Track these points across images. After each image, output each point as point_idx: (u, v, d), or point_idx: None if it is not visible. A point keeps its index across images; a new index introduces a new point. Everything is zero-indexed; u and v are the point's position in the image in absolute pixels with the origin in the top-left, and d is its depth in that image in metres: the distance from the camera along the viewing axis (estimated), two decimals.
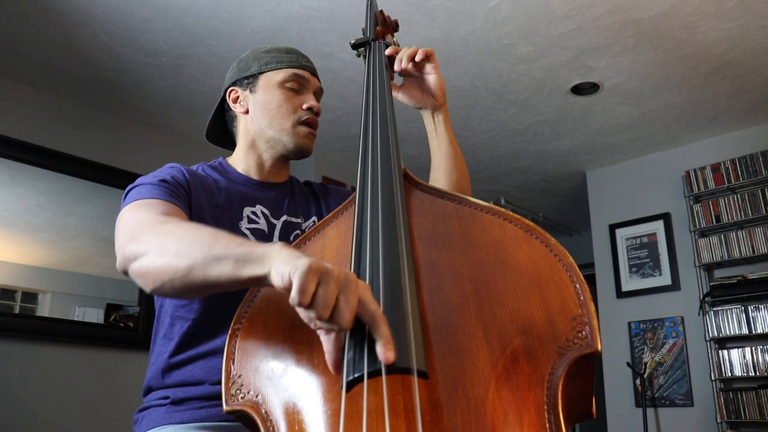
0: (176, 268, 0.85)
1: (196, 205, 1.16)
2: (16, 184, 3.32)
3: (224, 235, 0.85)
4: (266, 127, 1.27)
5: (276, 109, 1.26)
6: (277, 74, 1.28)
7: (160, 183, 1.12)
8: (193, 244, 0.85)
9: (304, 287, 0.68)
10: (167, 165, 1.23)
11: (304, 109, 1.27)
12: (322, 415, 0.75)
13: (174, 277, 0.86)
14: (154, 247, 0.89)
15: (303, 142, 1.27)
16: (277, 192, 1.30)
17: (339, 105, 3.69)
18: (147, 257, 0.89)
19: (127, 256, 0.93)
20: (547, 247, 0.84)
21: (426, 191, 1.01)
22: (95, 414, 3.32)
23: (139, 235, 0.94)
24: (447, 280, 0.84)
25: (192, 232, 0.88)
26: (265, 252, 0.77)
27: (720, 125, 4.00)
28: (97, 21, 2.89)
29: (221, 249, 0.81)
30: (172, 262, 0.86)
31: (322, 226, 1.03)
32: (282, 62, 1.29)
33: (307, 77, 1.30)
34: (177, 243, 0.87)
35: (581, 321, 0.75)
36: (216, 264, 0.81)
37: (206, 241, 0.84)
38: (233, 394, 0.81)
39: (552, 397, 0.71)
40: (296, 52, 1.33)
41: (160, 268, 0.87)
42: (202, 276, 0.83)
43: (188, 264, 0.84)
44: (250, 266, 0.77)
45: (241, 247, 0.80)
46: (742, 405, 3.62)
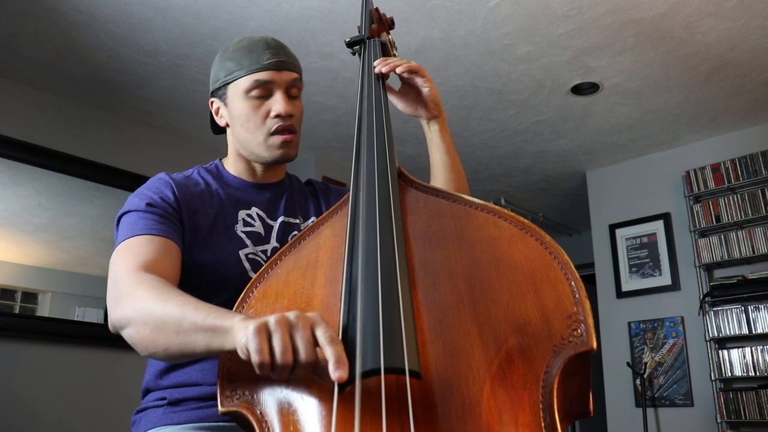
0: (156, 343, 0.90)
1: (189, 217, 1.15)
2: (16, 184, 3.32)
3: (190, 306, 0.88)
4: (245, 142, 1.22)
5: (245, 123, 1.19)
6: (240, 83, 1.18)
7: (146, 209, 1.12)
8: (165, 320, 0.89)
9: (258, 347, 0.72)
10: (155, 177, 1.21)
11: (272, 117, 1.18)
12: (317, 416, 0.75)
13: (156, 350, 0.91)
14: (133, 320, 0.94)
15: (278, 153, 1.20)
16: (273, 192, 1.28)
17: (339, 105, 3.69)
18: (130, 329, 0.95)
19: (113, 324, 0.99)
20: (542, 245, 0.83)
21: (420, 189, 1.01)
22: (95, 414, 3.32)
23: (119, 302, 0.98)
24: (441, 278, 0.83)
25: (162, 304, 0.91)
26: (228, 326, 0.80)
27: (720, 125, 3.99)
28: (97, 21, 2.89)
29: (189, 324, 0.85)
30: (150, 337, 0.91)
31: (317, 225, 1.02)
32: (243, 68, 1.18)
33: (269, 78, 1.17)
34: (150, 317, 0.91)
35: (576, 319, 0.75)
36: (189, 339, 0.85)
37: (175, 317, 0.88)
38: (228, 395, 0.81)
39: (547, 396, 0.71)
40: (260, 47, 1.20)
41: (143, 342, 0.93)
42: (179, 350, 0.88)
43: (165, 340, 0.89)
44: (219, 341, 0.81)
45: (207, 320, 0.83)
46: (742, 405, 3.61)
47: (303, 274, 0.92)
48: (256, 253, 1.18)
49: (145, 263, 1.02)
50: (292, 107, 1.19)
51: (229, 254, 1.16)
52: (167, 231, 1.10)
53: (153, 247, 1.06)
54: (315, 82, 3.41)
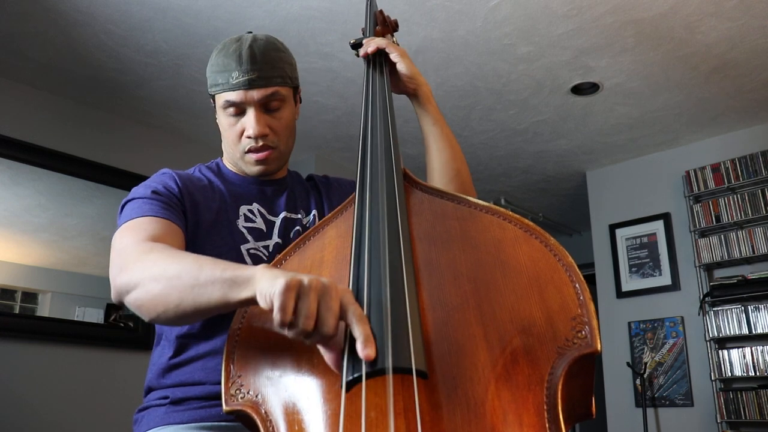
0: (167, 300, 0.88)
1: (192, 210, 1.16)
2: (16, 184, 3.32)
3: (208, 261, 0.87)
4: (227, 153, 1.26)
5: (225, 137, 1.23)
6: (217, 99, 1.19)
7: (152, 196, 1.12)
8: (180, 274, 0.87)
9: (283, 305, 0.72)
10: (159, 172, 1.22)
11: (245, 137, 1.18)
12: (322, 415, 0.75)
13: (167, 307, 0.88)
14: (142, 280, 0.92)
15: (255, 170, 1.22)
16: (274, 188, 1.29)
17: (339, 105, 3.69)
18: (138, 290, 0.92)
19: (118, 289, 0.96)
20: (547, 247, 0.84)
21: (425, 191, 1.01)
22: (95, 414, 3.32)
23: (126, 267, 0.96)
24: (447, 279, 0.84)
25: (177, 261, 0.90)
26: (249, 274, 0.80)
27: (720, 125, 4.00)
28: (97, 21, 2.89)
29: (207, 275, 0.84)
30: (162, 293, 0.88)
31: (322, 225, 1.03)
32: (218, 85, 1.17)
33: (238, 99, 1.15)
34: (163, 273, 0.89)
35: (581, 321, 0.75)
36: (204, 291, 0.84)
37: (192, 270, 0.86)
38: (233, 394, 0.81)
39: (551, 397, 0.71)
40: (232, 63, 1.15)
41: (152, 300, 0.90)
42: (192, 305, 0.86)
43: (178, 294, 0.86)
44: (237, 290, 0.80)
45: (226, 271, 0.83)
46: (742, 405, 3.61)
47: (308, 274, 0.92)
48: (257, 249, 1.18)
49: (152, 237, 1.02)
50: (268, 123, 1.18)
51: (230, 249, 1.16)
52: (172, 216, 1.10)
53: (159, 227, 1.06)
54: (315, 82, 3.41)
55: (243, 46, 1.16)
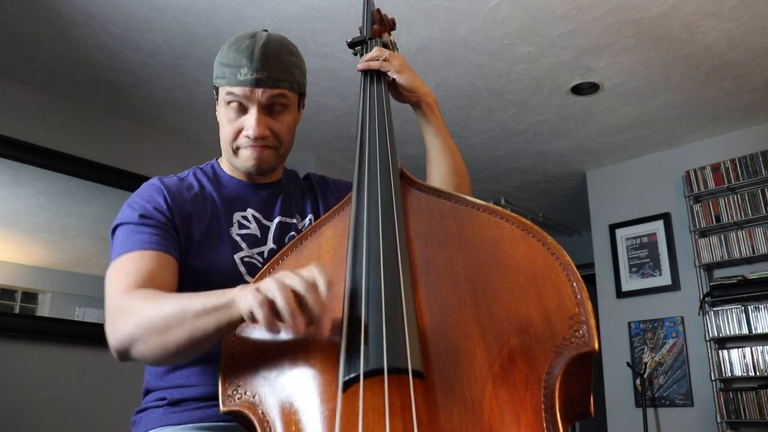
0: (166, 346, 0.91)
1: (183, 224, 1.14)
2: (16, 184, 3.32)
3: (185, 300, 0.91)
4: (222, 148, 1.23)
5: (222, 131, 1.20)
6: (221, 92, 1.17)
7: (140, 221, 1.11)
8: (167, 321, 0.90)
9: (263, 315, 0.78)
10: (148, 182, 1.20)
11: (243, 135, 1.16)
12: (319, 415, 0.75)
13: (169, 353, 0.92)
14: (135, 335, 0.94)
15: (249, 165, 1.19)
16: (269, 192, 1.26)
17: (339, 105, 3.69)
18: (136, 347, 0.95)
19: (117, 348, 0.98)
20: (544, 246, 0.83)
21: (423, 190, 1.01)
22: (95, 414, 3.32)
23: (115, 326, 0.99)
24: (444, 279, 0.83)
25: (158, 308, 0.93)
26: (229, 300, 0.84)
27: (720, 125, 3.99)
28: (97, 21, 2.89)
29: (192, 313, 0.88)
30: (159, 343, 0.92)
31: (319, 225, 1.02)
32: (224, 78, 1.15)
33: (242, 95, 1.14)
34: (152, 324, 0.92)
35: (578, 320, 0.75)
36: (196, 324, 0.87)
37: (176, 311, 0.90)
38: (230, 394, 0.81)
39: (549, 397, 0.71)
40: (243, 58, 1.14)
41: (153, 351, 0.93)
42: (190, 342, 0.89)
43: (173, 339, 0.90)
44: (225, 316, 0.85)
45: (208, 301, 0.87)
46: (742, 405, 3.61)
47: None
48: (251, 256, 1.17)
49: (136, 282, 1.02)
50: (268, 126, 1.16)
51: (224, 258, 1.14)
52: (161, 244, 1.09)
53: (145, 264, 1.05)
54: (315, 82, 3.41)
55: (256, 44, 1.15)
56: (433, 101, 1.32)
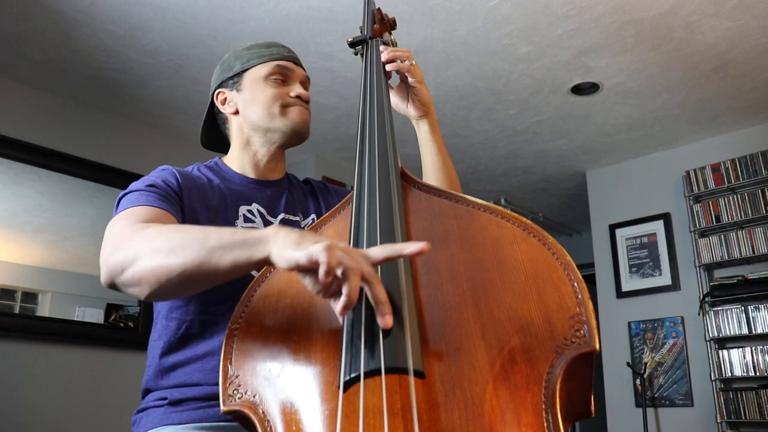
0: (171, 267, 0.84)
1: (189, 207, 1.16)
2: (16, 184, 3.32)
3: (212, 228, 0.86)
4: (259, 121, 1.26)
5: (264, 101, 1.25)
6: (260, 69, 1.27)
7: (148, 188, 1.12)
8: (185, 241, 0.85)
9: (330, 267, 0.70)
10: (159, 168, 1.22)
11: (291, 96, 1.26)
12: (320, 415, 0.74)
13: (170, 275, 0.85)
14: (142, 252, 0.88)
15: (296, 121, 1.26)
16: (274, 189, 1.29)
17: (339, 105, 3.69)
18: (137, 263, 0.88)
19: (113, 267, 0.91)
20: (545, 246, 0.83)
21: (423, 190, 1.01)
22: (95, 414, 3.32)
23: (122, 244, 0.92)
24: (444, 278, 0.83)
25: (180, 230, 0.89)
26: (261, 235, 0.79)
27: (720, 125, 4.00)
28: (97, 21, 2.89)
29: (215, 240, 0.82)
30: (165, 261, 0.85)
31: (320, 224, 1.02)
32: (263, 56, 1.28)
33: (290, 67, 1.29)
34: (167, 243, 0.87)
35: (579, 320, 0.75)
36: (213, 255, 0.81)
37: (198, 236, 0.84)
38: (231, 394, 0.81)
39: (550, 397, 0.71)
40: (277, 44, 1.31)
41: (154, 270, 0.86)
42: (199, 270, 0.83)
43: (183, 260, 0.83)
44: (249, 250, 0.79)
45: (234, 235, 0.82)
46: (742, 405, 3.61)
47: None
48: None
49: (147, 221, 1.01)
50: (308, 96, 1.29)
51: None
52: (168, 207, 1.09)
53: (155, 215, 1.05)
54: (315, 82, 3.41)
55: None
56: (436, 120, 1.33)
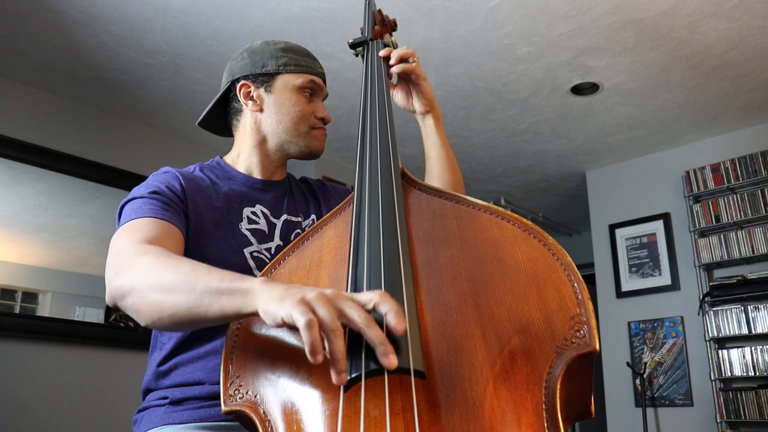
0: (163, 306, 0.86)
1: (194, 210, 1.15)
2: (16, 184, 3.32)
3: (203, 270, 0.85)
4: (283, 131, 1.27)
5: (294, 113, 1.26)
6: (296, 78, 1.28)
7: (151, 196, 1.11)
8: (176, 282, 0.85)
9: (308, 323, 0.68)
10: (161, 170, 1.21)
11: (317, 117, 1.28)
12: (321, 415, 0.75)
13: (162, 315, 0.87)
14: (138, 285, 0.90)
15: (317, 145, 1.29)
16: (277, 191, 1.29)
17: (339, 105, 3.69)
18: (133, 296, 0.90)
19: (113, 292, 0.94)
20: (545, 246, 0.84)
21: (424, 190, 1.01)
22: (95, 414, 3.32)
23: (121, 271, 0.94)
24: (445, 279, 0.84)
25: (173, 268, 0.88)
26: (247, 288, 0.78)
27: (720, 125, 4.00)
28: (97, 21, 2.89)
29: (204, 285, 0.82)
30: (158, 299, 0.87)
31: (321, 225, 1.03)
32: (300, 66, 1.29)
33: (321, 85, 1.31)
34: (159, 280, 0.88)
35: (579, 320, 0.75)
36: (201, 303, 0.82)
37: (187, 278, 0.85)
38: (232, 394, 0.81)
39: (550, 397, 0.71)
40: (311, 56, 1.34)
41: (148, 307, 0.88)
42: (188, 315, 0.84)
43: (174, 302, 0.85)
44: (236, 304, 0.79)
45: (223, 282, 0.81)
46: (742, 405, 3.61)
47: (306, 274, 0.92)
48: (260, 251, 1.18)
49: (149, 239, 1.00)
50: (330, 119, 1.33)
51: (234, 252, 1.16)
52: (171, 217, 1.09)
53: (157, 229, 1.05)
54: None
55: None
56: (440, 114, 1.37)
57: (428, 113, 1.33)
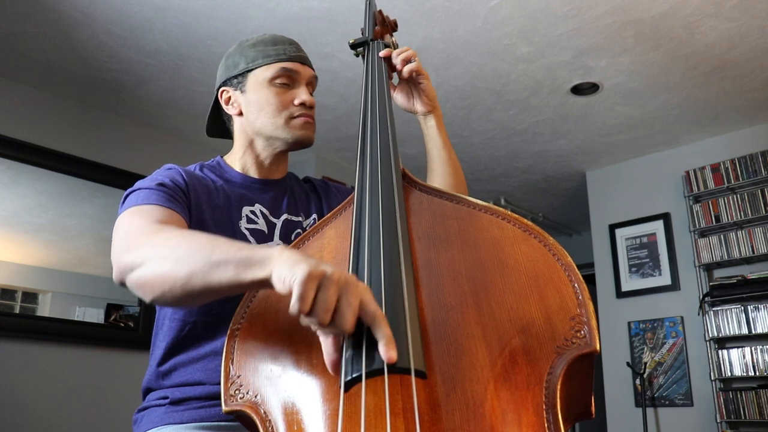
0: (176, 276, 0.84)
1: (196, 207, 1.16)
2: (16, 184, 3.32)
3: (222, 240, 0.85)
4: (262, 128, 1.24)
5: (267, 108, 1.22)
6: (265, 71, 1.23)
7: (158, 187, 1.11)
8: (192, 251, 0.84)
9: (303, 294, 0.69)
10: (165, 167, 1.22)
11: (296, 104, 1.22)
12: (321, 415, 0.75)
13: (174, 285, 0.84)
14: (151, 256, 0.88)
15: (301, 134, 1.23)
16: (276, 190, 1.29)
17: (339, 105, 3.69)
18: (145, 267, 0.88)
19: (123, 267, 0.92)
20: (546, 247, 0.84)
21: (424, 191, 1.01)
22: (95, 414, 3.32)
23: (134, 244, 0.92)
24: (446, 279, 0.84)
25: (189, 238, 0.88)
26: (265, 255, 0.77)
27: (720, 125, 4.00)
28: (97, 21, 2.89)
29: (221, 254, 0.81)
30: (171, 269, 0.85)
31: (321, 225, 1.03)
32: (269, 56, 1.23)
33: (296, 69, 1.24)
34: (175, 251, 0.86)
35: (580, 321, 0.75)
36: (217, 269, 0.80)
37: (205, 247, 0.83)
38: (232, 394, 0.81)
39: (550, 397, 0.71)
40: (284, 41, 1.27)
41: (159, 277, 0.86)
42: (202, 282, 0.82)
43: (188, 271, 0.83)
44: (252, 270, 0.77)
45: (241, 251, 0.80)
46: (742, 405, 3.62)
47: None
48: None
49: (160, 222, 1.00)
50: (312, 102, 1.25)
51: None
52: (177, 208, 1.09)
53: (166, 215, 1.04)
54: None
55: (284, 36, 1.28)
56: (442, 113, 1.35)
57: (430, 113, 1.32)
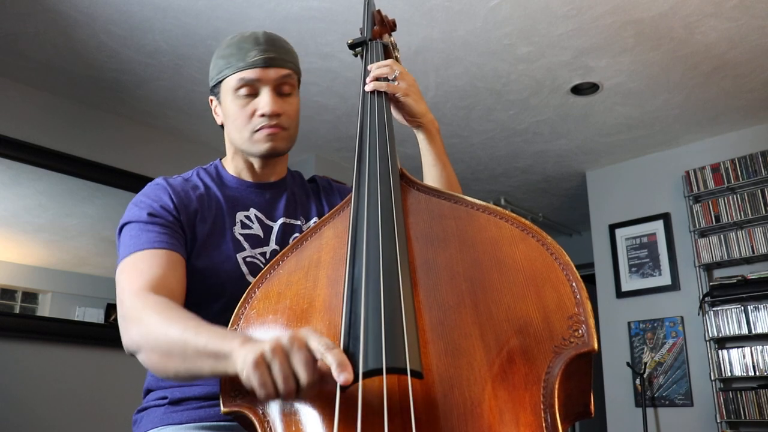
0: (166, 368, 0.92)
1: (188, 223, 1.15)
2: (16, 184, 3.32)
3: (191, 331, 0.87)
4: (234, 141, 1.22)
5: (235, 122, 1.19)
6: (229, 81, 1.18)
7: (149, 219, 1.11)
8: (171, 347, 0.89)
9: (260, 382, 0.73)
10: (153, 183, 1.20)
11: (258, 116, 1.16)
12: (319, 416, 0.75)
13: (167, 375, 0.93)
14: (143, 346, 0.95)
15: (264, 147, 1.18)
16: (272, 193, 1.27)
17: (339, 105, 3.69)
18: (142, 355, 0.96)
19: (127, 347, 1.00)
20: (544, 246, 0.84)
21: (422, 191, 1.01)
22: (95, 414, 3.32)
23: (128, 321, 0.99)
24: (443, 279, 0.84)
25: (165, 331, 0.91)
26: (228, 351, 0.79)
27: (720, 125, 4.00)
28: (97, 21, 2.89)
29: (192, 351, 0.85)
30: (160, 363, 0.92)
31: (320, 226, 1.03)
32: (230, 66, 1.17)
33: (255, 77, 1.16)
34: (157, 346, 0.92)
35: (577, 320, 0.75)
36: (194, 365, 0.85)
37: (179, 343, 0.88)
38: (231, 395, 0.81)
39: (548, 397, 0.71)
40: (248, 44, 1.18)
41: (155, 367, 0.94)
42: (188, 375, 0.89)
43: (173, 366, 0.90)
44: (223, 364, 0.80)
45: (208, 345, 0.83)
46: (742, 405, 3.61)
47: (305, 275, 0.92)
48: (254, 256, 1.17)
49: (150, 281, 1.01)
50: (281, 105, 1.17)
51: (226, 258, 1.15)
52: (171, 243, 1.09)
53: (158, 263, 1.05)
54: (315, 82, 3.41)
55: (258, 33, 1.21)
56: (434, 129, 1.27)
57: (418, 128, 1.26)
